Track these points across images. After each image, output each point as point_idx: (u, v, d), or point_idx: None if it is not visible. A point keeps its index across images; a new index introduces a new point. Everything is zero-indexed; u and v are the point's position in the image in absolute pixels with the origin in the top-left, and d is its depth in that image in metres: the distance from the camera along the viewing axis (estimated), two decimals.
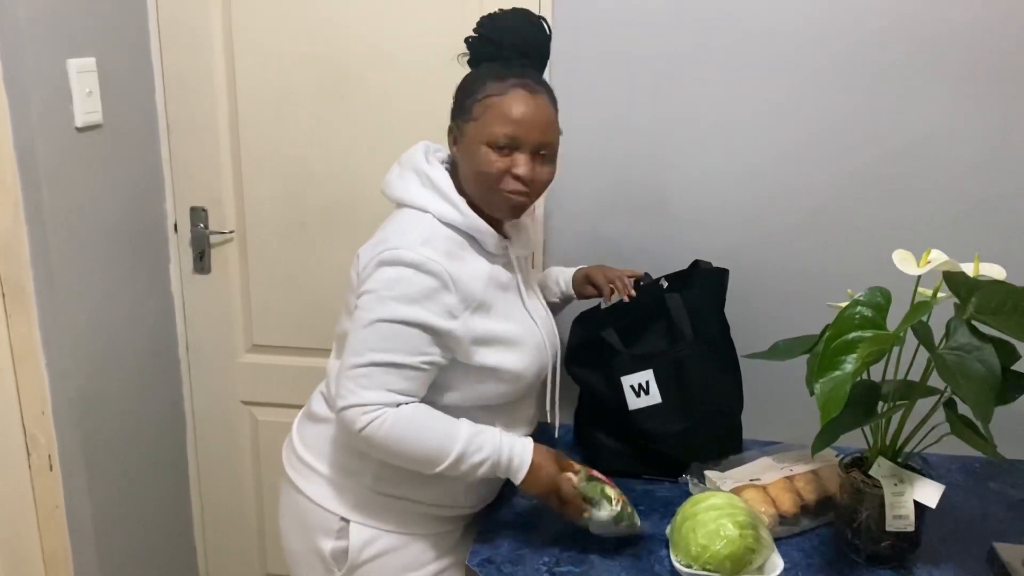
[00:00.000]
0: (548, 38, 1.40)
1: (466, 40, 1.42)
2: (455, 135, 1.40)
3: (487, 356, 1.38)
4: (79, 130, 1.71)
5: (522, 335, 1.43)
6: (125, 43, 1.86)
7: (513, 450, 1.37)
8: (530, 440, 1.41)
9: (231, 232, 2.05)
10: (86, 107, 1.71)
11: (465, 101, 1.37)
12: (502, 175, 1.35)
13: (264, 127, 1.96)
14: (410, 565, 1.46)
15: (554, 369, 1.53)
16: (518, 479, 1.38)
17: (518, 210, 1.40)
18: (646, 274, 1.67)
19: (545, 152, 1.38)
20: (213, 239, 2.06)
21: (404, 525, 1.46)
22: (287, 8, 1.88)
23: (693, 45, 1.74)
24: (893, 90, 1.71)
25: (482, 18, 1.40)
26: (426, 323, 1.30)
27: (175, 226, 2.06)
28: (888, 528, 1.32)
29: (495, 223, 1.42)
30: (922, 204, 1.76)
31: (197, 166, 2.01)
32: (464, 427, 1.36)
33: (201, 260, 2.07)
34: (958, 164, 1.73)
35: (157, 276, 2.04)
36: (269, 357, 2.13)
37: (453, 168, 1.44)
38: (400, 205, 1.42)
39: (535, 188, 1.38)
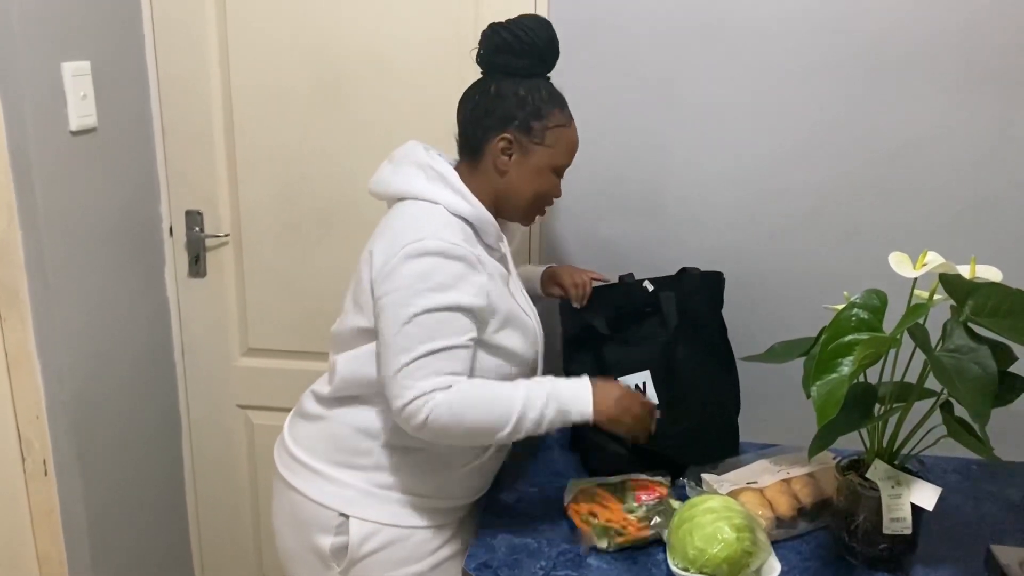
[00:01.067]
0: (557, 39, 1.46)
1: (484, 36, 1.44)
2: (508, 146, 1.42)
3: (504, 337, 1.42)
4: (74, 134, 1.71)
5: (523, 321, 1.48)
6: (120, 46, 1.85)
7: (570, 385, 1.39)
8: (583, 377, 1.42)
9: (226, 235, 2.05)
10: (80, 111, 1.71)
11: (531, 121, 1.42)
12: (553, 198, 1.50)
13: (259, 130, 1.96)
14: (409, 558, 1.47)
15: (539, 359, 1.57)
16: (589, 409, 1.37)
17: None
18: (630, 274, 1.67)
19: None
20: (208, 242, 2.06)
21: (403, 519, 1.47)
22: (282, 12, 1.88)
23: (688, 47, 1.75)
24: (888, 91, 1.71)
25: (507, 25, 1.44)
26: (464, 305, 1.33)
27: (170, 229, 2.06)
28: (885, 531, 1.31)
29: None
30: (918, 205, 1.76)
31: (192, 169, 2.01)
32: (519, 384, 1.37)
33: (196, 263, 2.07)
34: (954, 165, 1.73)
35: (152, 280, 2.04)
36: (265, 360, 2.13)
37: (470, 169, 1.46)
38: (401, 199, 1.43)
39: None
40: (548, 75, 1.48)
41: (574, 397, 1.37)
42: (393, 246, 1.35)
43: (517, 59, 1.42)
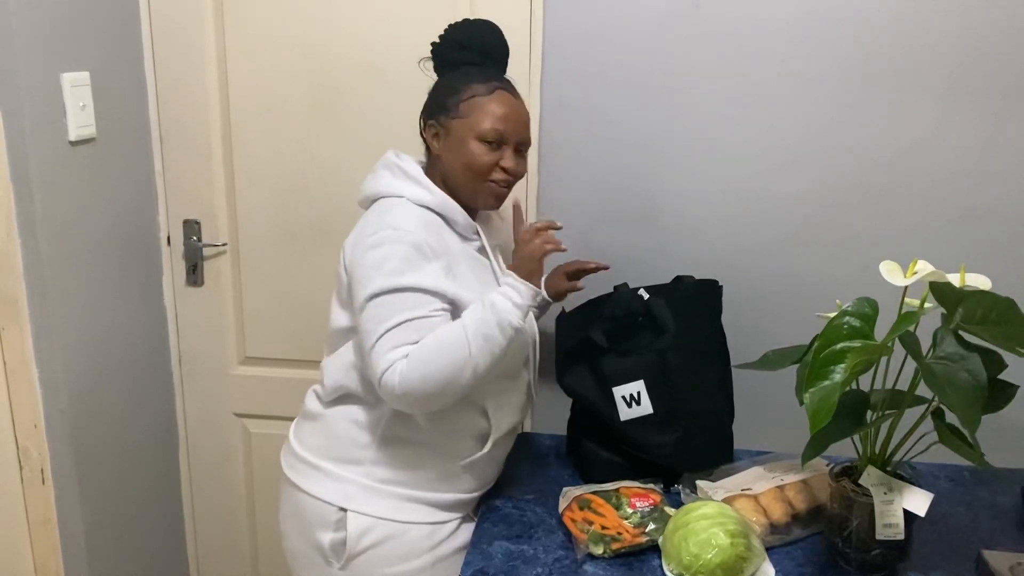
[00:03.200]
0: (506, 42, 1.53)
1: (432, 45, 1.54)
2: (436, 131, 1.50)
3: None
4: (73, 143, 1.72)
5: None
6: (119, 57, 1.86)
7: (499, 295, 1.39)
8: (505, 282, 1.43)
9: (224, 244, 2.05)
10: (80, 121, 1.72)
11: (447, 100, 1.48)
12: (491, 167, 1.47)
13: (257, 140, 1.97)
14: (408, 554, 1.49)
15: (534, 352, 1.58)
16: (524, 286, 1.40)
17: (500, 199, 1.52)
18: (624, 284, 1.69)
19: (523, 148, 1.51)
20: (206, 251, 2.06)
21: (400, 513, 1.49)
22: (280, 23, 1.89)
23: (682, 59, 1.76)
24: (880, 101, 1.73)
25: (448, 27, 1.53)
26: (414, 286, 1.36)
27: (168, 239, 2.07)
28: (878, 537, 1.32)
29: (467, 211, 1.51)
30: (909, 215, 1.78)
31: (190, 179, 2.02)
32: (464, 317, 1.37)
33: (194, 272, 2.07)
34: (944, 174, 1.75)
35: (150, 289, 2.05)
36: (261, 369, 2.14)
37: (429, 165, 1.54)
38: (375, 200, 1.49)
39: (515, 180, 1.51)
40: (498, 67, 1.53)
41: (509, 286, 1.40)
42: (357, 242, 1.41)
43: (452, 51, 1.52)
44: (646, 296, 1.66)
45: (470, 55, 1.51)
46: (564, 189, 1.85)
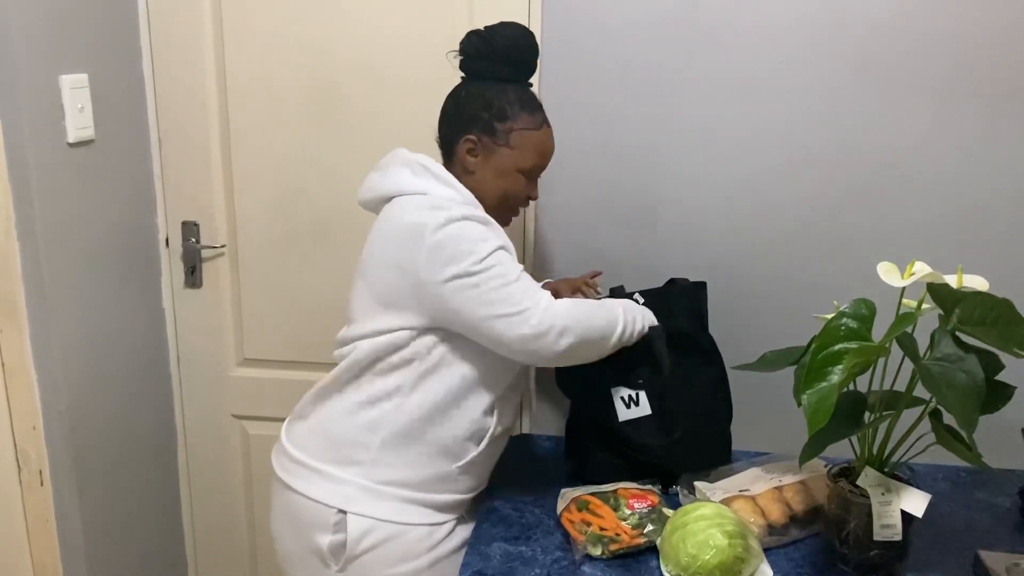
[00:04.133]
0: (537, 48, 1.51)
1: (469, 47, 1.50)
2: (473, 147, 1.49)
3: None
4: (71, 145, 1.72)
5: None
6: (117, 59, 1.87)
7: (637, 304, 1.58)
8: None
9: (222, 246, 2.06)
10: (78, 123, 1.72)
11: (495, 124, 1.47)
12: (527, 199, 1.54)
13: (255, 142, 1.97)
14: (407, 555, 1.49)
15: None
16: (654, 321, 1.58)
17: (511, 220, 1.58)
18: (620, 287, 1.69)
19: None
20: (204, 253, 2.07)
21: (400, 515, 1.49)
22: (278, 25, 1.90)
23: (681, 60, 1.77)
24: (875, 104, 1.73)
25: (494, 34, 1.48)
26: (504, 245, 1.41)
27: (167, 240, 2.07)
28: (876, 537, 1.33)
29: None
30: (906, 216, 1.78)
31: (189, 181, 2.02)
32: (610, 299, 1.53)
33: (192, 274, 2.07)
34: (940, 176, 1.75)
35: (148, 290, 2.05)
36: (260, 371, 2.14)
37: (453, 171, 1.51)
38: (390, 199, 1.48)
39: None
40: (527, 82, 1.53)
41: (645, 312, 1.56)
42: (416, 238, 1.38)
43: (489, 64, 1.49)
44: (640, 301, 1.67)
45: (516, 73, 1.50)
46: (563, 189, 1.85)
